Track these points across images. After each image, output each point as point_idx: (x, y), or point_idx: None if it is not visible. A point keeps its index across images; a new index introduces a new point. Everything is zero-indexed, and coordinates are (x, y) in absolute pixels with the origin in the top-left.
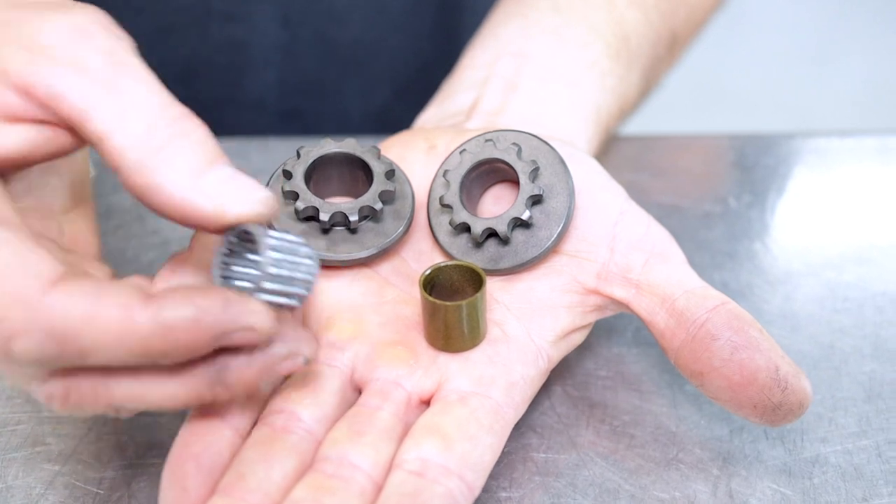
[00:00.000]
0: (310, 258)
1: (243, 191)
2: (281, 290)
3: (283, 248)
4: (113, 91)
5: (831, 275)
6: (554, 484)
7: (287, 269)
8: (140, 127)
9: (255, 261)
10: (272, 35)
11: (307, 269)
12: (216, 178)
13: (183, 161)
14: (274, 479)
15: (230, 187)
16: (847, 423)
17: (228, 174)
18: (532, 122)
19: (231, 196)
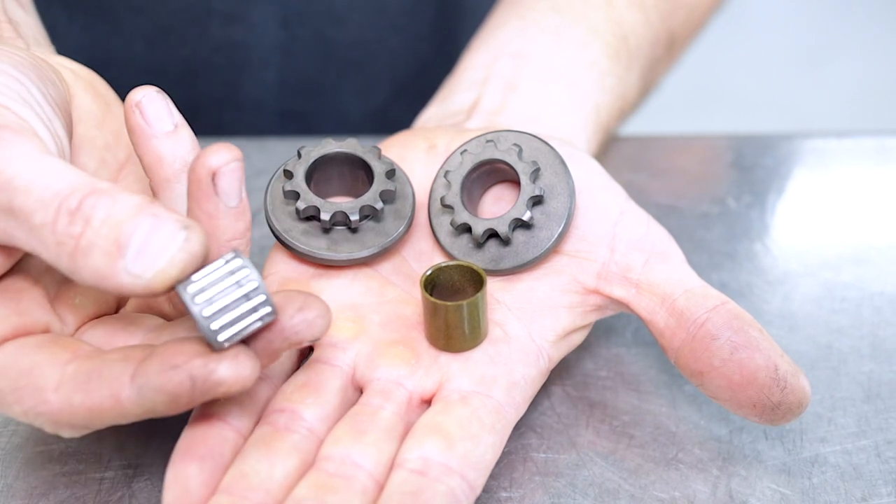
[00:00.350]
0: (244, 270)
1: (161, 251)
2: (233, 323)
3: (208, 287)
4: (13, 215)
5: (829, 275)
6: (554, 484)
7: (224, 304)
8: (49, 239)
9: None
10: (271, 35)
11: (246, 286)
12: (131, 252)
13: (96, 256)
14: (276, 478)
15: (147, 256)
16: (846, 423)
17: (141, 239)
18: (532, 121)
19: (150, 266)
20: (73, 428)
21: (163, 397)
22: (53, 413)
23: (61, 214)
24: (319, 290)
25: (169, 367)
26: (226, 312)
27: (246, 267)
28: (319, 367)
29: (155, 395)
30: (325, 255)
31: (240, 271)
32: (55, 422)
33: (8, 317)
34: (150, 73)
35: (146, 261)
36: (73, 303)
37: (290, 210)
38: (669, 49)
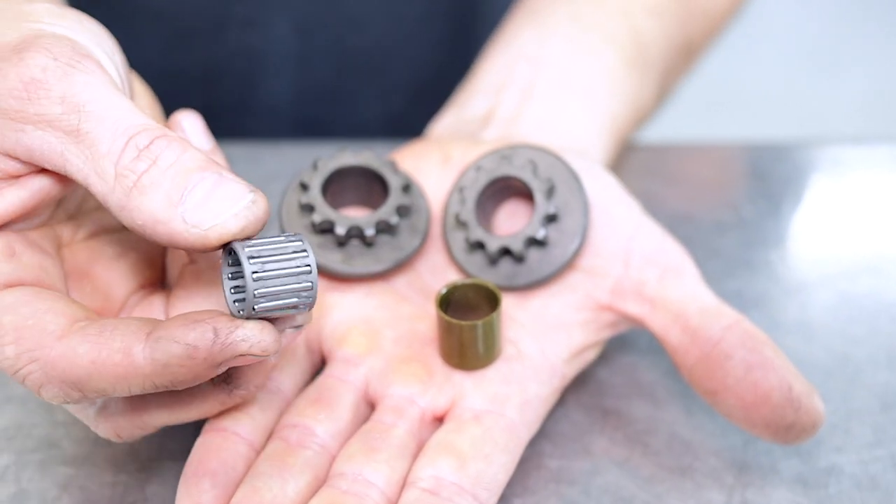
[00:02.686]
0: (303, 253)
1: (224, 206)
2: (274, 296)
3: (264, 255)
4: (78, 138)
5: (845, 284)
6: (568, 491)
7: (274, 275)
8: (109, 169)
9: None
10: (288, 42)
11: (300, 267)
12: (193, 200)
13: (156, 195)
14: (288, 494)
15: (210, 207)
16: (862, 432)
17: (209, 186)
18: (547, 130)
19: (210, 218)
20: (63, 385)
21: (180, 352)
22: (51, 360)
23: (129, 148)
24: (333, 303)
25: (192, 321)
26: (272, 282)
27: (305, 249)
28: (332, 382)
29: (172, 348)
30: (339, 269)
31: (299, 251)
32: (47, 372)
33: (33, 266)
34: (167, 78)
35: (207, 212)
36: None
37: (306, 223)
38: (686, 57)
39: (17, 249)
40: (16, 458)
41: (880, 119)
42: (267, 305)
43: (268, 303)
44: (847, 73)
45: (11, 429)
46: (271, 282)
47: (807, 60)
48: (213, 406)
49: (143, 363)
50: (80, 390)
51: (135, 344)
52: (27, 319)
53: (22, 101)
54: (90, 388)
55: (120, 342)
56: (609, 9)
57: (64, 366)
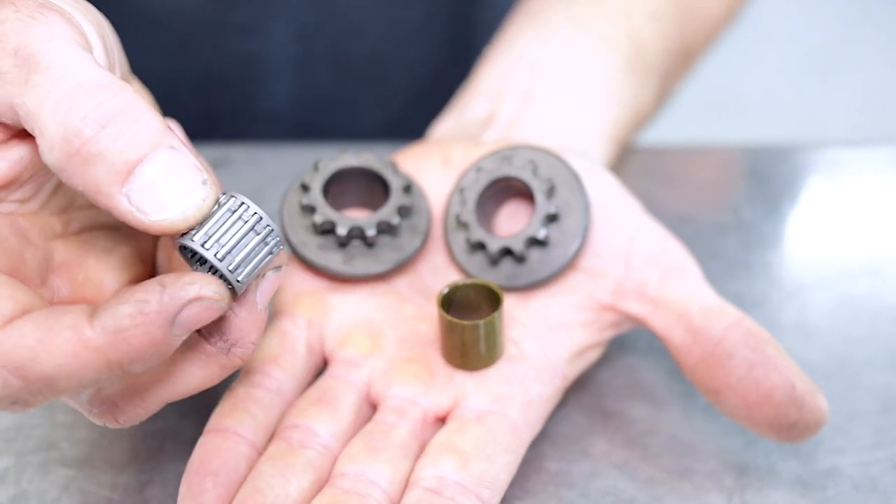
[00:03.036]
0: (243, 206)
1: (173, 197)
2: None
3: (213, 232)
4: (25, 90)
5: (845, 286)
6: (567, 494)
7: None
8: (52, 126)
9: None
10: (288, 49)
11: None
12: (141, 182)
13: (100, 166)
14: (290, 494)
15: (157, 196)
16: (862, 434)
17: (156, 171)
18: (547, 133)
19: (156, 208)
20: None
21: (129, 310)
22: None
23: (76, 107)
24: (335, 304)
25: (133, 289)
26: (238, 251)
27: (244, 202)
28: (334, 382)
29: (120, 309)
30: (340, 270)
31: (240, 208)
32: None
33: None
34: (167, 84)
35: (154, 200)
36: (76, 280)
37: (307, 223)
38: (685, 60)
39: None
40: (15, 460)
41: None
42: (246, 270)
43: (246, 268)
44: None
45: (11, 430)
46: (236, 250)
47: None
48: (214, 371)
49: (93, 335)
50: (23, 377)
51: (82, 319)
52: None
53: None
54: (35, 374)
55: (68, 319)
56: (609, 12)
57: (7, 347)
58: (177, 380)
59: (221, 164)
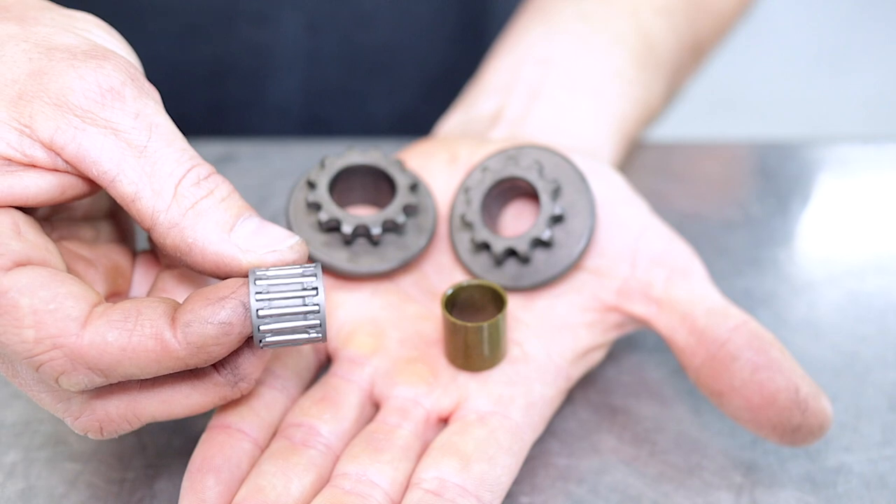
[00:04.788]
0: (313, 291)
1: (273, 239)
2: (280, 332)
3: (273, 291)
4: (142, 154)
5: (854, 283)
6: (575, 490)
7: (280, 313)
8: (168, 189)
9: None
10: (297, 40)
11: (308, 306)
12: (245, 230)
13: (212, 219)
14: (292, 493)
15: (260, 238)
16: (871, 431)
17: (256, 225)
18: (555, 130)
19: (262, 246)
20: (90, 372)
21: (215, 332)
22: (77, 348)
23: (191, 174)
24: (340, 302)
25: (217, 299)
26: (279, 321)
27: (317, 287)
28: (337, 382)
29: (206, 329)
30: (345, 268)
31: (310, 290)
32: (73, 360)
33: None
34: (175, 73)
35: (259, 242)
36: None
37: (312, 221)
38: (695, 56)
39: (22, 229)
40: (23, 455)
41: (889, 118)
42: (273, 340)
43: (273, 337)
44: (855, 72)
45: (19, 425)
46: (277, 321)
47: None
48: (213, 399)
49: (178, 347)
50: (107, 376)
51: (164, 329)
52: (47, 303)
53: (94, 103)
54: (118, 374)
55: (150, 328)
56: (618, 8)
57: (93, 354)
58: (176, 402)
59: (228, 159)
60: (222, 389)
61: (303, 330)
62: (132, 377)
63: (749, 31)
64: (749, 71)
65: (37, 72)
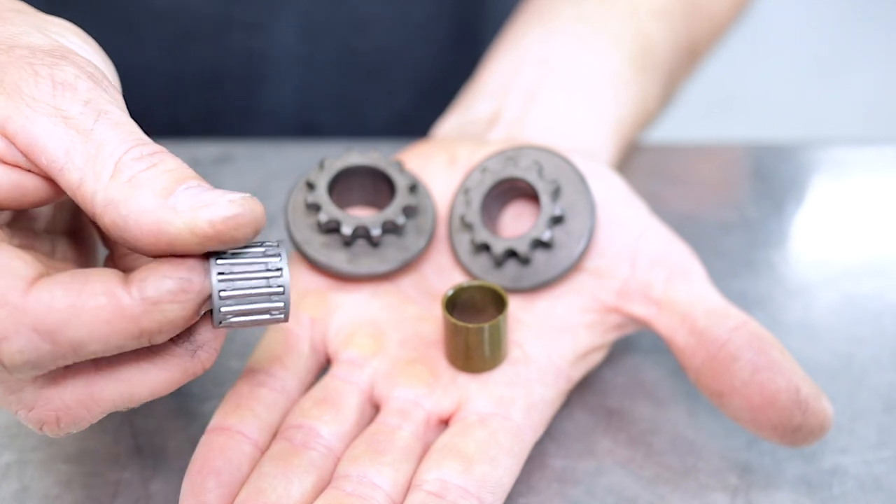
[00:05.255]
0: (277, 272)
1: (214, 198)
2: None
3: (236, 271)
4: (88, 137)
5: (849, 285)
6: (572, 491)
7: (242, 294)
8: (108, 168)
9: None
10: (292, 46)
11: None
12: (186, 194)
13: (149, 188)
14: (293, 495)
15: (200, 199)
16: (866, 433)
17: (197, 189)
18: (553, 132)
19: (201, 205)
20: (34, 335)
21: (173, 286)
22: (23, 305)
23: (133, 150)
24: (339, 303)
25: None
26: (241, 302)
27: (281, 268)
28: (337, 383)
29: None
30: (345, 269)
31: (274, 270)
32: (18, 318)
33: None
34: (170, 80)
35: (199, 200)
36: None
37: (311, 222)
38: (691, 58)
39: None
40: (18, 456)
41: (884, 121)
42: (233, 321)
43: (235, 318)
44: (851, 74)
45: (13, 426)
46: (238, 300)
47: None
48: (175, 374)
49: (132, 303)
50: (53, 342)
51: (116, 286)
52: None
53: (46, 94)
54: (65, 339)
55: (101, 285)
56: (615, 10)
57: (38, 311)
58: (135, 381)
59: (223, 160)
60: (181, 360)
61: (265, 311)
62: (82, 345)
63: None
64: (745, 73)
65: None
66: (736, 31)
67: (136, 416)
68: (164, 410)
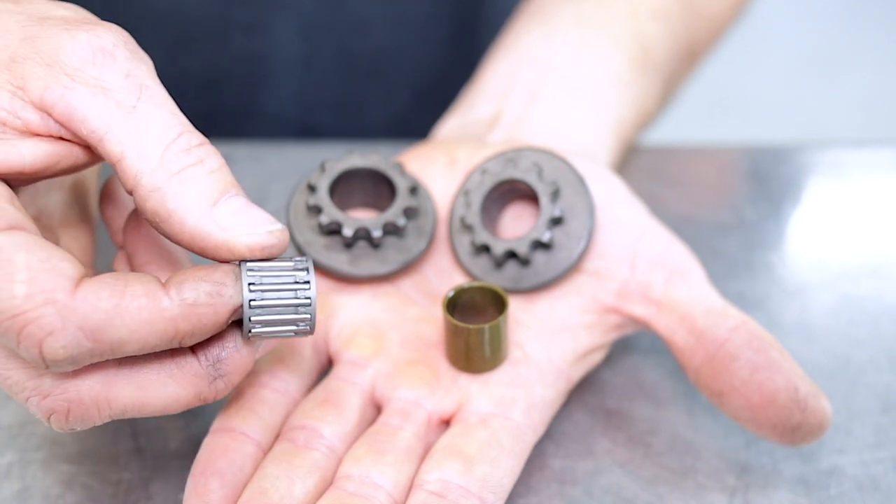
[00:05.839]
0: (305, 284)
1: (254, 222)
2: (270, 324)
3: (265, 283)
4: (131, 114)
5: (847, 286)
6: (570, 491)
7: (271, 304)
8: (156, 152)
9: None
10: (291, 47)
11: (300, 300)
12: (228, 208)
13: (196, 189)
14: (295, 495)
15: (242, 218)
16: (864, 434)
17: (241, 204)
18: (553, 134)
19: (242, 227)
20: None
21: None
22: (70, 303)
23: (181, 139)
24: (340, 304)
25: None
26: (270, 313)
27: (309, 281)
28: (339, 384)
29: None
30: (346, 271)
31: (302, 283)
32: (65, 315)
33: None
34: (170, 82)
35: (239, 222)
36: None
37: (313, 224)
38: (690, 60)
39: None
40: (19, 456)
41: (881, 122)
42: (261, 331)
43: (263, 328)
44: (848, 76)
45: (15, 426)
46: (267, 310)
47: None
48: (188, 395)
49: (170, 304)
50: (95, 340)
51: (157, 288)
52: (43, 262)
53: (85, 62)
54: (106, 338)
55: (142, 287)
56: (615, 12)
57: (85, 310)
58: (152, 391)
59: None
60: (200, 382)
61: (292, 322)
62: (121, 344)
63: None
64: (743, 75)
65: (30, 37)
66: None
67: None
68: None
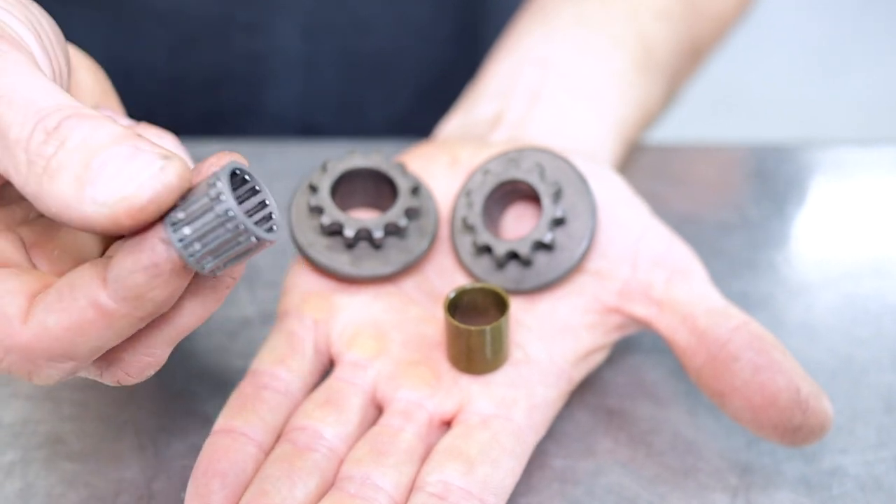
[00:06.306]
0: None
1: (132, 178)
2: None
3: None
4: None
5: (850, 286)
6: (572, 491)
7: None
8: (21, 156)
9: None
10: (293, 47)
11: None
12: (101, 177)
13: (64, 179)
14: (297, 497)
15: (116, 184)
16: (866, 434)
17: (117, 167)
18: (555, 133)
19: (116, 193)
20: (51, 361)
21: (143, 279)
22: (25, 345)
23: (37, 131)
24: (342, 305)
25: (137, 243)
26: (217, 253)
27: (221, 193)
28: (340, 385)
29: (134, 279)
30: (348, 271)
31: (215, 199)
32: (29, 357)
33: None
34: (172, 82)
35: (114, 187)
36: (52, 255)
37: (314, 224)
38: (693, 59)
39: None
40: (22, 455)
41: (885, 121)
42: (214, 263)
43: (215, 261)
44: (852, 74)
45: (17, 425)
46: (211, 252)
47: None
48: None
49: (116, 306)
50: (71, 357)
51: (98, 293)
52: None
53: None
54: (80, 352)
55: (83, 299)
56: (617, 11)
57: (43, 345)
58: (176, 316)
59: None
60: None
61: (234, 242)
62: (99, 348)
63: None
64: (747, 74)
65: None
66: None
67: (139, 415)
68: (167, 410)
